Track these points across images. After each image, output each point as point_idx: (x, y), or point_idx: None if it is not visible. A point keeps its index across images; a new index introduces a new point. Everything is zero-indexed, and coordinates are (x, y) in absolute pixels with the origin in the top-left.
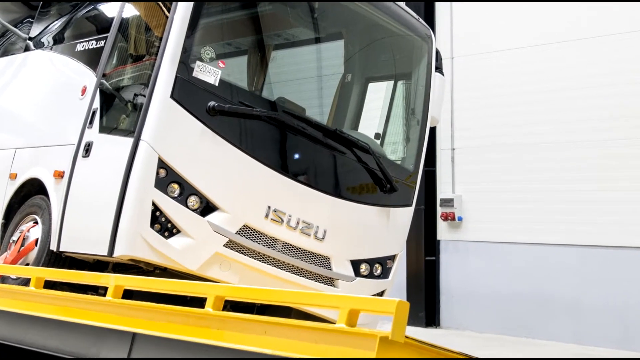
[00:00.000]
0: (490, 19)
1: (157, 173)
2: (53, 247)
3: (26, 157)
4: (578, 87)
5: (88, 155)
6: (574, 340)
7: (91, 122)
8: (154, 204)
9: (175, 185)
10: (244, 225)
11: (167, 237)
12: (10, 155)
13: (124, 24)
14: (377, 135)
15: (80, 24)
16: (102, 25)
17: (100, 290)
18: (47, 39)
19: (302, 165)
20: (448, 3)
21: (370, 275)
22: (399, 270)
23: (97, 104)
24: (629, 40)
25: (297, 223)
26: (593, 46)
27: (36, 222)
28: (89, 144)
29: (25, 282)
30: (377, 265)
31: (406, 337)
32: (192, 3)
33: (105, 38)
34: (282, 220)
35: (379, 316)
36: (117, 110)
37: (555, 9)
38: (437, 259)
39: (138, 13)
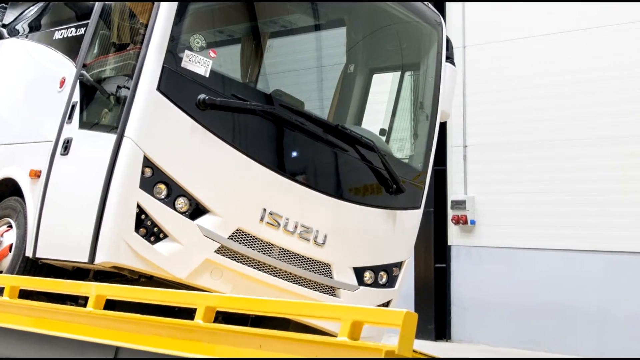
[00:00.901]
0: (505, 4)
1: (143, 172)
2: (29, 253)
3: None
4: (603, 78)
5: (67, 153)
6: (597, 355)
7: (70, 117)
8: (138, 206)
9: (162, 186)
10: (237, 230)
11: (153, 243)
12: None
13: (106, 10)
14: (382, 131)
15: (59, 10)
16: (82, 11)
17: (80, 301)
18: (22, 26)
19: (301, 164)
20: None
21: (375, 284)
22: (407, 279)
23: (76, 97)
24: None
25: (295, 227)
26: (620, 33)
27: (10, 226)
28: (67, 141)
29: None
30: (382, 273)
31: (414, 351)
32: None
33: (86, 25)
34: (279, 224)
35: (384, 329)
36: (99, 104)
37: None
38: (447, 266)
39: None
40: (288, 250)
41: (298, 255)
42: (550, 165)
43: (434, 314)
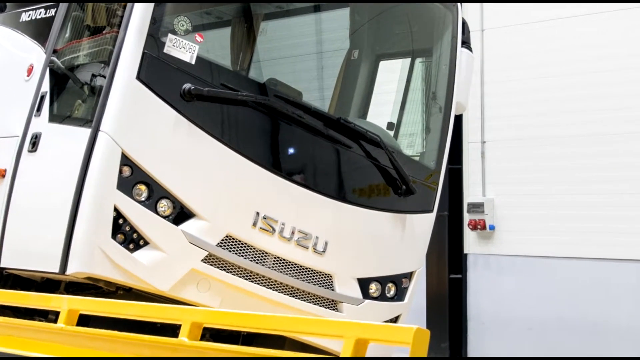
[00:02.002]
0: None
1: (120, 172)
2: None
3: None
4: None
5: (35, 150)
6: None
7: (39, 109)
8: (116, 209)
9: (143, 187)
10: (226, 236)
11: (132, 251)
12: None
13: None
14: (390, 125)
15: None
16: None
17: (50, 316)
18: None
19: (298, 162)
20: None
21: (382, 297)
22: (417, 291)
23: (46, 86)
24: None
25: (292, 233)
26: None
27: None
28: (36, 136)
29: None
30: (390, 284)
31: None
32: None
33: (57, 6)
34: (274, 230)
35: (392, 347)
36: (71, 95)
37: None
38: (463, 277)
39: None
40: (284, 259)
41: (295, 264)
42: (580, 164)
43: (448, 330)
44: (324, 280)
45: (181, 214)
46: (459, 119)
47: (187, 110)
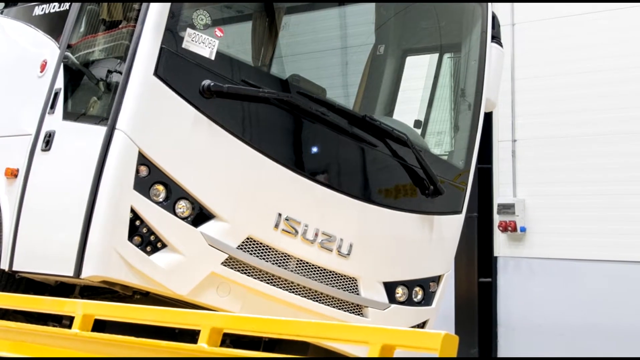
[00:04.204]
0: None
1: (137, 171)
2: (4, 265)
3: None
4: None
5: (49, 149)
6: None
7: (53, 107)
8: (132, 210)
9: (160, 187)
10: (247, 238)
11: (149, 253)
12: None
13: None
14: (417, 123)
15: None
16: None
17: (64, 321)
18: None
19: (322, 162)
20: None
21: (409, 302)
22: (446, 295)
23: (60, 83)
24: None
25: (316, 235)
26: None
27: None
28: (49, 135)
29: None
30: (417, 288)
31: None
32: None
33: None
34: (297, 232)
35: (419, 354)
36: (86, 91)
37: None
38: (493, 280)
39: None
40: (307, 262)
41: (319, 267)
42: (616, 163)
43: (478, 336)
44: (349, 284)
45: (200, 216)
46: (488, 116)
47: (207, 108)
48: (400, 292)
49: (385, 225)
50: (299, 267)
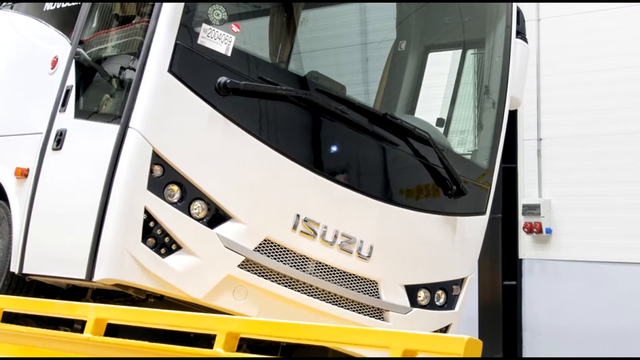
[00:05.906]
0: None
1: (151, 171)
2: (14, 268)
3: None
4: None
5: (60, 148)
6: None
7: (64, 104)
8: (146, 211)
9: (175, 187)
10: (265, 240)
11: (163, 256)
12: None
13: None
14: (439, 122)
15: None
16: None
17: (76, 325)
18: None
19: (341, 161)
20: None
21: (431, 305)
22: (469, 299)
23: (72, 80)
24: None
25: (335, 237)
26: None
27: None
28: (61, 133)
29: None
30: (439, 292)
31: None
32: None
33: None
34: (316, 233)
35: (443, 358)
36: (99, 89)
37: None
38: (518, 283)
39: None
40: (326, 265)
41: (338, 270)
42: None
43: (502, 341)
44: (369, 287)
45: (216, 217)
46: (513, 114)
47: (223, 105)
48: (422, 295)
49: (407, 226)
50: (318, 269)
